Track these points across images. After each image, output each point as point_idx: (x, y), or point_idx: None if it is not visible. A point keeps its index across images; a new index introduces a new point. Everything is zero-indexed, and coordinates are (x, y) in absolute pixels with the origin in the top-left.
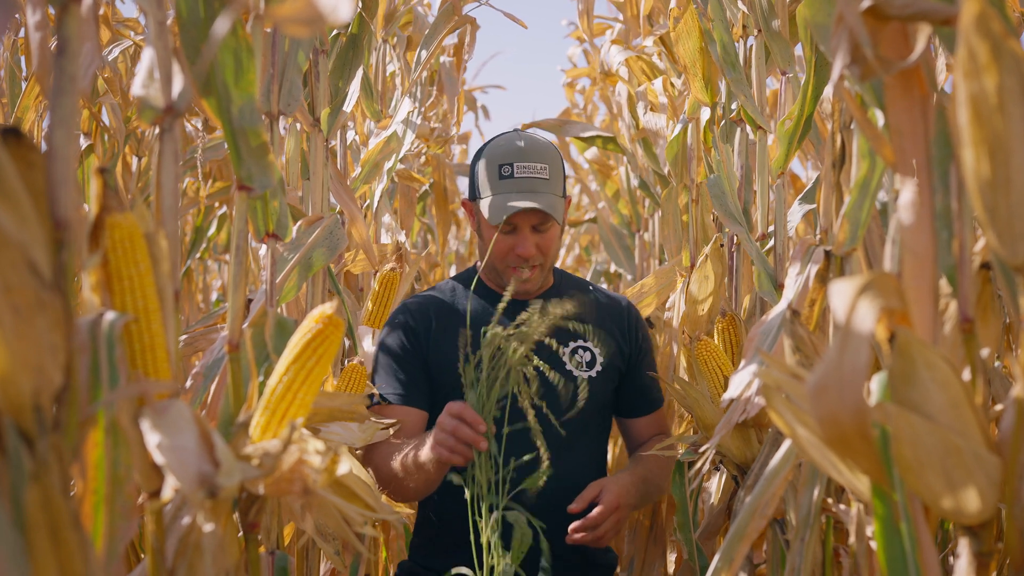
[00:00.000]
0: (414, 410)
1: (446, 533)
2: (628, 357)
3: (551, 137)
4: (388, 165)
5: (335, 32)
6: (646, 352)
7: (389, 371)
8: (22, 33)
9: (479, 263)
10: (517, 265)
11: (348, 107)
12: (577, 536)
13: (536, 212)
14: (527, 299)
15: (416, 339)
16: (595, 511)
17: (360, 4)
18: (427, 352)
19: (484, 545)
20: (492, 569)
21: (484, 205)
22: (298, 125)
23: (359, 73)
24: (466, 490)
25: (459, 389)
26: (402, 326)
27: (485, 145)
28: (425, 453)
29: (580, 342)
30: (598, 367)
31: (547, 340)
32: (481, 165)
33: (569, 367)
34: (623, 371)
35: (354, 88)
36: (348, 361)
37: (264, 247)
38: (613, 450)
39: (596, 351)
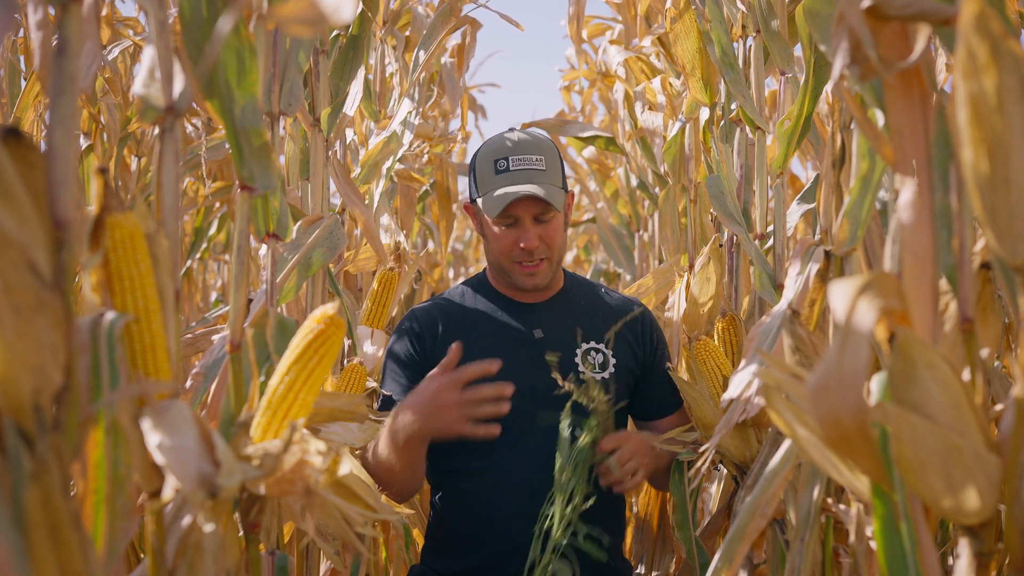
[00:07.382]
0: None
1: (456, 536)
2: (642, 362)
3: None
4: (387, 165)
5: (335, 33)
6: (662, 356)
7: (394, 377)
8: (21, 32)
9: (488, 268)
10: (522, 260)
11: (351, 110)
12: (609, 479)
13: (536, 201)
14: (537, 301)
15: (422, 345)
16: (617, 454)
17: (361, 4)
18: (433, 358)
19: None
20: None
21: (482, 203)
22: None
23: (360, 74)
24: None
25: None
26: (409, 332)
27: (481, 146)
28: (406, 428)
29: (593, 343)
30: (611, 369)
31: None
32: (477, 165)
33: (582, 368)
34: (637, 375)
35: (355, 89)
36: (348, 361)
37: (264, 247)
38: None
39: (608, 353)
